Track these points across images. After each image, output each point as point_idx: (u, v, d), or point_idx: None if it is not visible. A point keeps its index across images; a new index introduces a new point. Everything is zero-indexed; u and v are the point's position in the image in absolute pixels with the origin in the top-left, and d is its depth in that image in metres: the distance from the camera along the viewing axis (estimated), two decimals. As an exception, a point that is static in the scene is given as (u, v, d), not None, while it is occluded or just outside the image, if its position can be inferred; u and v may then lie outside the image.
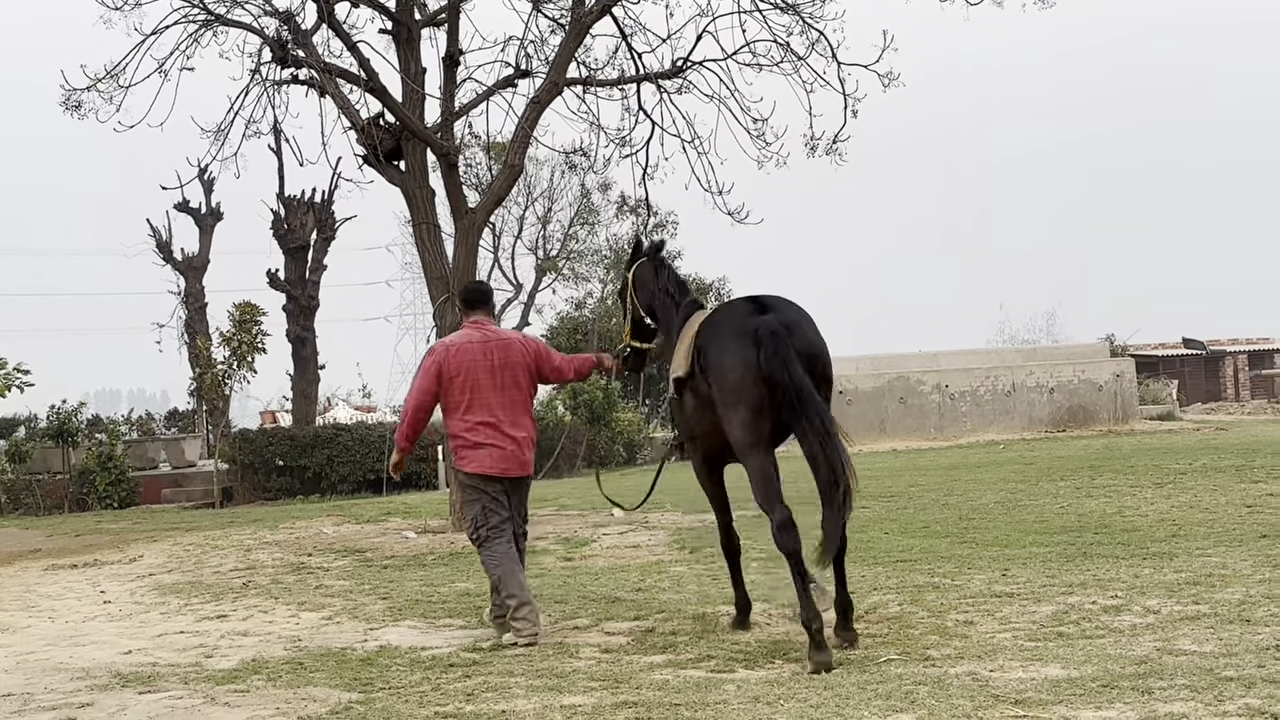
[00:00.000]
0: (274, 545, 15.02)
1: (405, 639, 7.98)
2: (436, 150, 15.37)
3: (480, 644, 7.54)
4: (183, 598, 10.74)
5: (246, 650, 7.90)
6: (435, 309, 15.64)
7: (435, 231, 15.70)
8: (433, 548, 13.44)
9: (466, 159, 33.66)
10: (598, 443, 32.72)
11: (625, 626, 7.88)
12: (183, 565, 13.52)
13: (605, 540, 13.06)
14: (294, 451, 26.68)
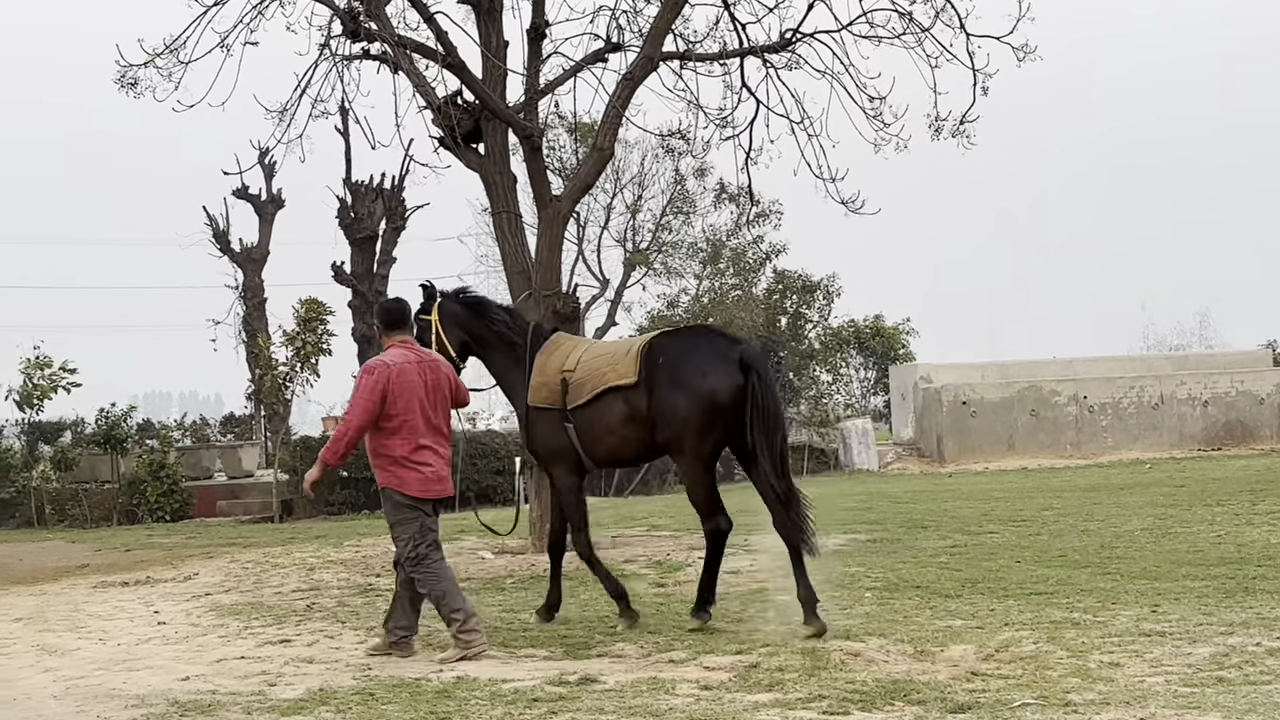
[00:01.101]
0: (339, 564, 15.24)
1: (484, 670, 8.05)
2: (519, 132, 15.48)
3: (566, 676, 7.58)
4: (242, 620, 10.94)
5: (312, 679, 8.03)
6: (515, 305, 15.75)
7: (516, 221, 15.81)
8: (511, 570, 13.56)
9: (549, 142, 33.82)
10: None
11: (726, 660, 7.88)
12: (241, 584, 13.77)
13: (701, 565, 13.02)
14: (359, 462, 26.92)
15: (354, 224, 31.10)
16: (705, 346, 9.35)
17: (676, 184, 42.75)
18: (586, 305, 38.60)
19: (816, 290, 43.40)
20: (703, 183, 42.47)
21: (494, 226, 16.33)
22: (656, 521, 18.56)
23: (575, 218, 35.31)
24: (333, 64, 15.49)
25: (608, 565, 13.20)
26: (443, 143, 15.56)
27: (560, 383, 9.67)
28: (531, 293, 15.33)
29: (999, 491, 21.72)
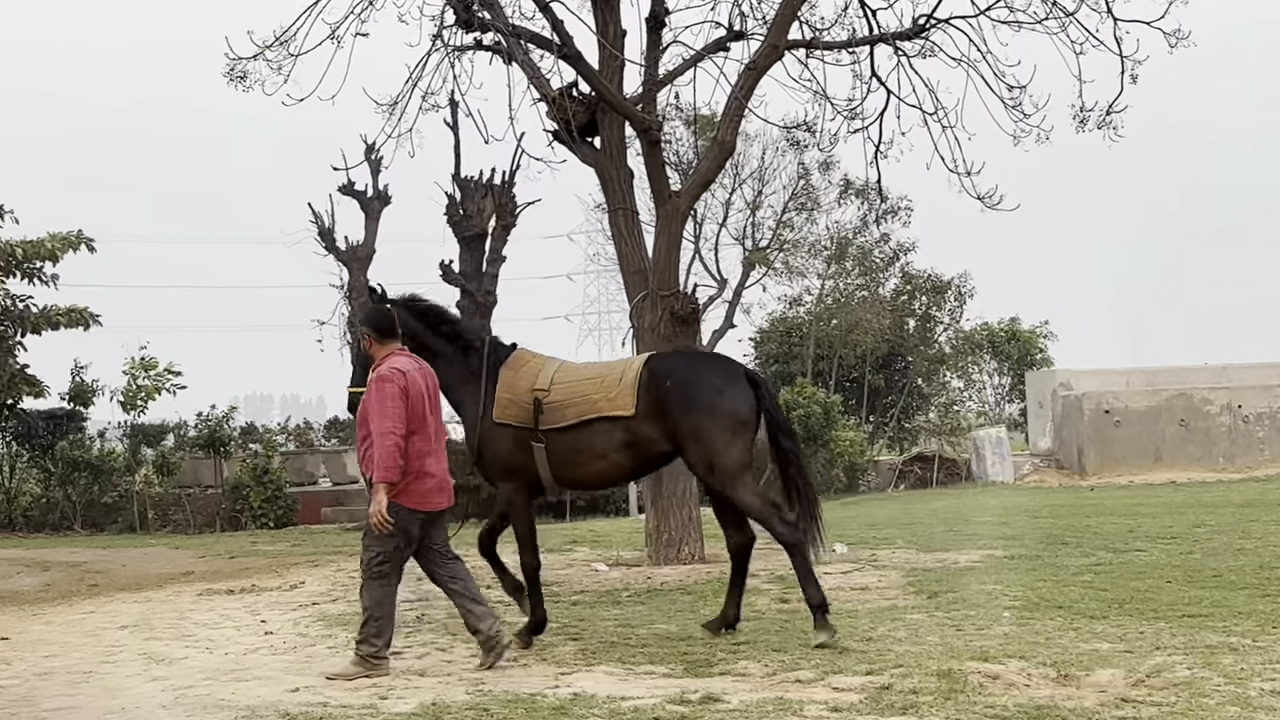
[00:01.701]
0: (447, 574, 15.41)
1: (601, 686, 8.12)
2: (637, 125, 15.56)
3: (688, 695, 7.61)
4: (351, 630, 11.10)
5: (424, 692, 8.16)
6: (632, 308, 15.84)
7: (634, 218, 15.90)
8: (627, 583, 13.63)
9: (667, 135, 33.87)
10: (813, 465, 32.59)
11: (856, 681, 7.86)
12: (348, 594, 13.98)
13: (828, 580, 12.98)
14: (467, 467, 27.27)
15: (463, 221, 31.28)
16: (706, 365, 10.31)
17: (800, 179, 42.53)
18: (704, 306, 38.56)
19: (947, 291, 42.96)
20: (828, 177, 42.18)
21: (610, 224, 16.43)
22: (778, 534, 18.48)
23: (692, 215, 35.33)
24: (444, 55, 15.69)
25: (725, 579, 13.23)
26: (557, 136, 15.69)
27: (533, 402, 9.96)
28: (648, 293, 15.41)
29: (1146, 506, 21.35)
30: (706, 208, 42.42)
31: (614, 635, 10.20)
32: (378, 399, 8.98)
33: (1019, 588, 11.86)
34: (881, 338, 40.54)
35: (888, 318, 40.85)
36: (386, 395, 8.96)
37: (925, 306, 43.37)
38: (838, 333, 40.87)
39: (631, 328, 15.98)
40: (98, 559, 20.02)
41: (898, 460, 37.42)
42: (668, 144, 35.10)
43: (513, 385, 10.09)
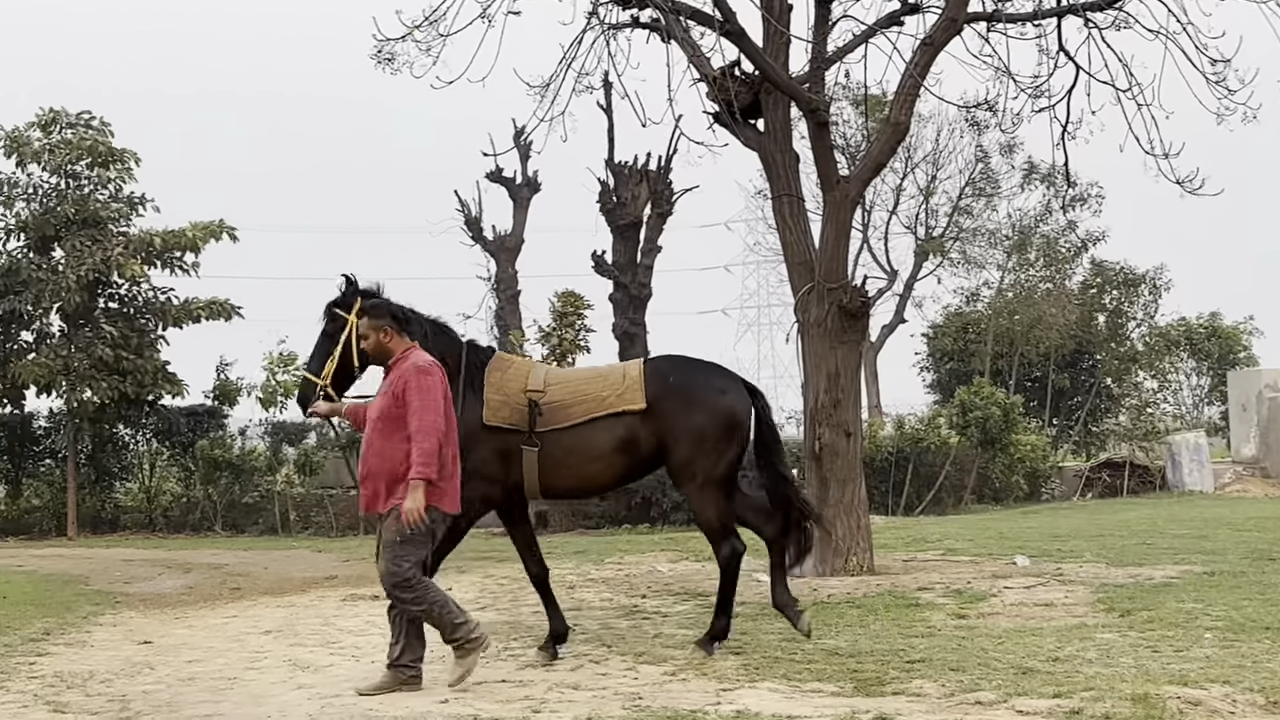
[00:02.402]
0: (600, 583, 15.56)
1: (766, 704, 8.13)
2: (803, 105, 15.52)
3: (859, 715, 7.58)
4: (501, 640, 11.30)
5: (579, 706, 8.24)
6: (797, 301, 15.82)
7: (799, 205, 15.87)
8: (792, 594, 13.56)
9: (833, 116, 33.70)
10: (991, 471, 32.20)
11: (1043, 705, 7.76)
12: (497, 602, 14.20)
13: (1008, 595, 12.87)
14: (618, 472, 27.44)
15: (616, 209, 31.58)
16: (707, 368, 10.61)
17: (979, 162, 42.03)
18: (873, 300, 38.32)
19: (1141, 284, 42.11)
20: (1010, 160, 41.70)
21: (773, 212, 16.42)
22: (953, 545, 18.34)
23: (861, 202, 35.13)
24: (600, 33, 15.81)
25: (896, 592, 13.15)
26: (718, 119, 15.72)
27: (528, 404, 10.05)
28: (815, 286, 15.37)
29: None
30: (876, 194, 42.24)
31: (778, 650, 10.19)
32: (422, 392, 9.00)
33: (1221, 606, 11.59)
34: (1067, 334, 39.92)
35: (1074, 312, 40.21)
36: (431, 388, 9.02)
37: (1116, 301, 42.58)
38: (1019, 328, 40.32)
39: (796, 322, 15.96)
40: (239, 561, 20.56)
41: (1084, 467, 36.79)
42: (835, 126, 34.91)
43: (503, 386, 10.13)
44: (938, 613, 11.96)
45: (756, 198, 45.09)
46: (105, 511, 31.89)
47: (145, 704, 8.93)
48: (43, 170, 30.23)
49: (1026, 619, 11.43)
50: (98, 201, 29.92)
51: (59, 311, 29.96)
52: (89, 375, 29.13)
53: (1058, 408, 42.05)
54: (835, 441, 15.27)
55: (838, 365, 15.34)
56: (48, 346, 29.90)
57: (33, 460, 33.41)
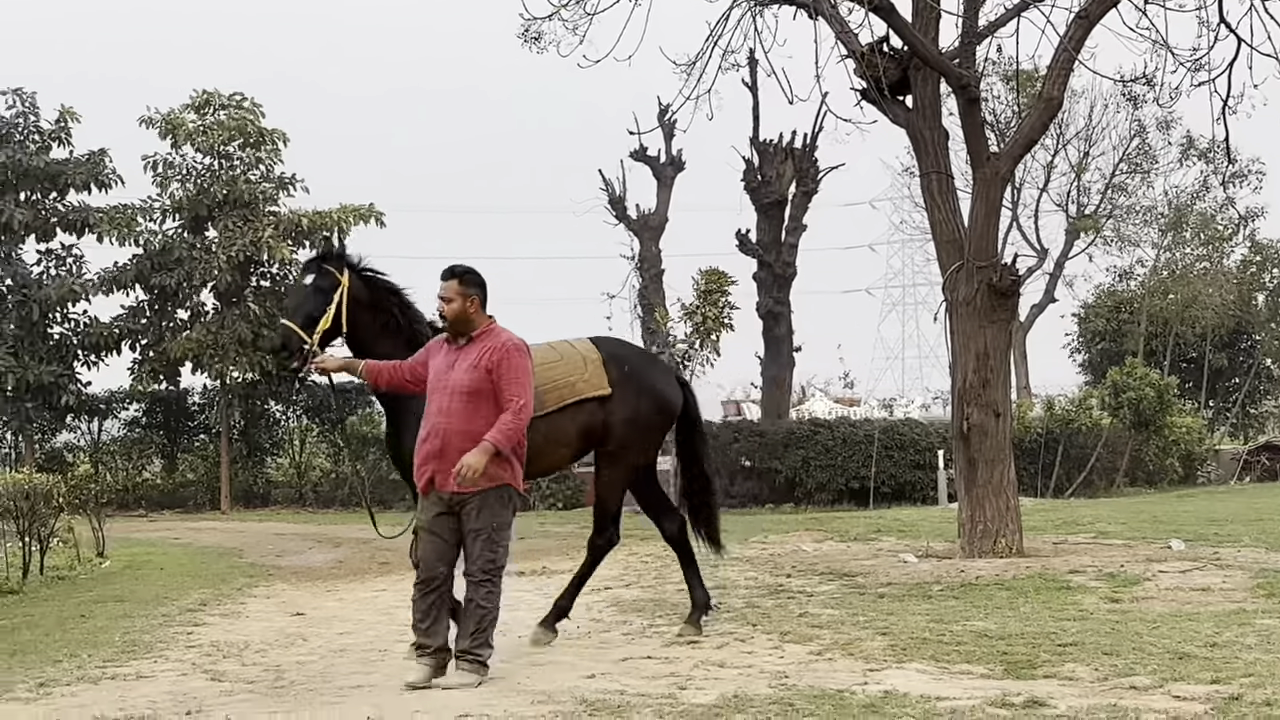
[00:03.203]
0: (744, 562, 15.58)
1: (914, 685, 8.09)
2: (953, 81, 15.36)
3: (1010, 698, 7.52)
4: (645, 617, 11.38)
5: (725, 684, 8.27)
6: (945, 280, 15.67)
7: (948, 183, 15.72)
8: (938, 576, 13.51)
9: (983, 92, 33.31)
10: (1144, 454, 31.65)
11: (1200, 691, 7.63)
12: (642, 579, 14.30)
13: (1163, 579, 12.65)
14: (763, 451, 27.50)
15: (761, 187, 31.54)
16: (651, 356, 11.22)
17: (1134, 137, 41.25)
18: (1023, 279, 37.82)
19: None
20: (1167, 136, 40.84)
21: (921, 189, 16.28)
22: (1105, 528, 18.06)
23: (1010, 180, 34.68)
24: (746, 10, 15.79)
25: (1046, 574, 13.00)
26: (866, 96, 15.61)
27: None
28: (963, 264, 15.22)
29: None
30: (1026, 171, 41.63)
31: (926, 631, 10.13)
32: (518, 369, 8.75)
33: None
34: (1225, 314, 39.08)
35: (1233, 292, 39.38)
36: (529, 370, 8.85)
37: (1277, 280, 41.53)
38: (1174, 308, 39.56)
39: (944, 301, 15.81)
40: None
41: (1242, 450, 36.02)
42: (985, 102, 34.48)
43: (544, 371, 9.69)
44: (1090, 596, 11.80)
45: (903, 175, 44.69)
46: (257, 486, 32.69)
47: (299, 674, 9.15)
48: (196, 151, 30.98)
49: (1182, 604, 11.24)
50: (248, 182, 30.59)
51: (211, 290, 30.73)
52: (233, 351, 29.85)
53: (1214, 389, 41.21)
54: (984, 422, 15.11)
55: (987, 345, 15.18)
56: (201, 324, 30.69)
57: (187, 435, 34.38)
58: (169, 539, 22.67)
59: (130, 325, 31.45)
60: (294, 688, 8.69)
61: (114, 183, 31.63)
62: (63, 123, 31.45)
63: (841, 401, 39.53)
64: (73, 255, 31.76)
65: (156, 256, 30.66)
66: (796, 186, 31.66)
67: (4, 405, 30.65)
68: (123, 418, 34.34)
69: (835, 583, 13.42)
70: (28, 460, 29.26)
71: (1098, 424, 30.84)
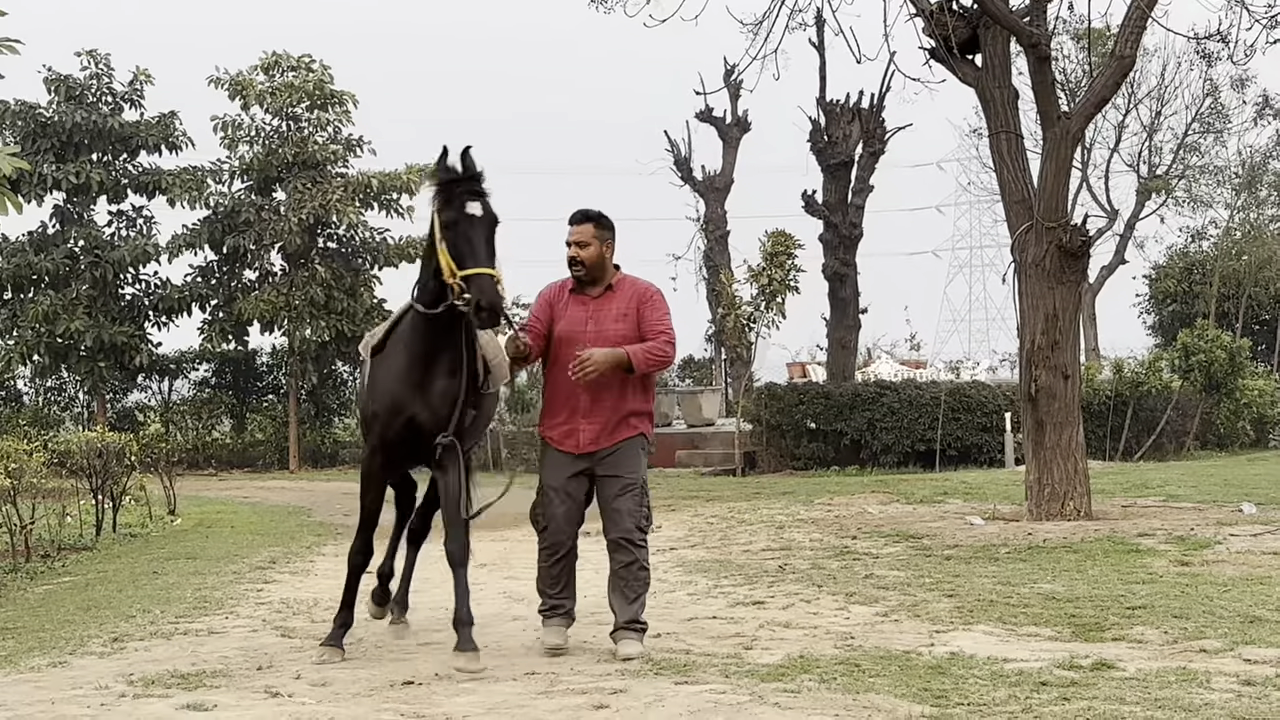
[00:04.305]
0: (810, 524, 15.59)
1: (980, 646, 8.07)
2: (1023, 40, 15.21)
3: (1078, 660, 7.48)
4: (711, 578, 11.40)
5: (791, 644, 8.28)
6: (1014, 240, 15.55)
7: (1018, 143, 15.58)
8: (1005, 538, 13.45)
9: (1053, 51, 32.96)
10: (1215, 417, 31.33)
11: (1272, 654, 7.56)
12: (707, 540, 14.32)
13: (1234, 543, 12.53)
14: (828, 413, 27.39)
15: (827, 148, 31.32)
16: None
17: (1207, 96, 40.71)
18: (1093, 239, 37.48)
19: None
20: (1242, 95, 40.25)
21: (990, 149, 16.15)
22: (1175, 491, 17.92)
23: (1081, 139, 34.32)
24: (813, -31, 15.68)
25: (1115, 537, 12.92)
26: (934, 55, 15.52)
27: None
28: (1033, 224, 15.10)
29: None
30: (1097, 131, 41.24)
31: (993, 594, 10.09)
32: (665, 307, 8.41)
33: None
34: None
35: (1308, 253, 38.81)
36: (669, 309, 8.48)
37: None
38: (1247, 269, 39.12)
39: (1013, 262, 15.70)
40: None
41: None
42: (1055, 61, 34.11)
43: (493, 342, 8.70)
44: (1159, 559, 11.70)
45: (970, 136, 44.36)
46: (325, 446, 32.97)
47: (366, 631, 9.23)
48: (265, 113, 31.18)
49: (1254, 567, 11.12)
50: (316, 144, 30.77)
51: (280, 251, 30.99)
52: (306, 313, 30.11)
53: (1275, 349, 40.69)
54: (1052, 384, 15.00)
55: (1056, 306, 15.06)
56: (270, 285, 30.96)
57: (256, 396, 34.72)
58: (238, 498, 22.93)
59: (200, 287, 31.77)
60: (362, 645, 8.77)
61: (184, 144, 31.94)
62: (136, 84, 31.76)
63: (907, 364, 39.35)
64: (143, 216, 32.10)
65: (226, 218, 30.94)
66: (863, 147, 31.43)
67: (78, 365, 31.08)
68: (192, 378, 34.77)
69: (901, 545, 13.39)
70: (100, 419, 29.66)
71: (1168, 386, 30.54)
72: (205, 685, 7.44)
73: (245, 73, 31.03)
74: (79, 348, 30.71)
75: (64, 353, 31.03)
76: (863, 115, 31.12)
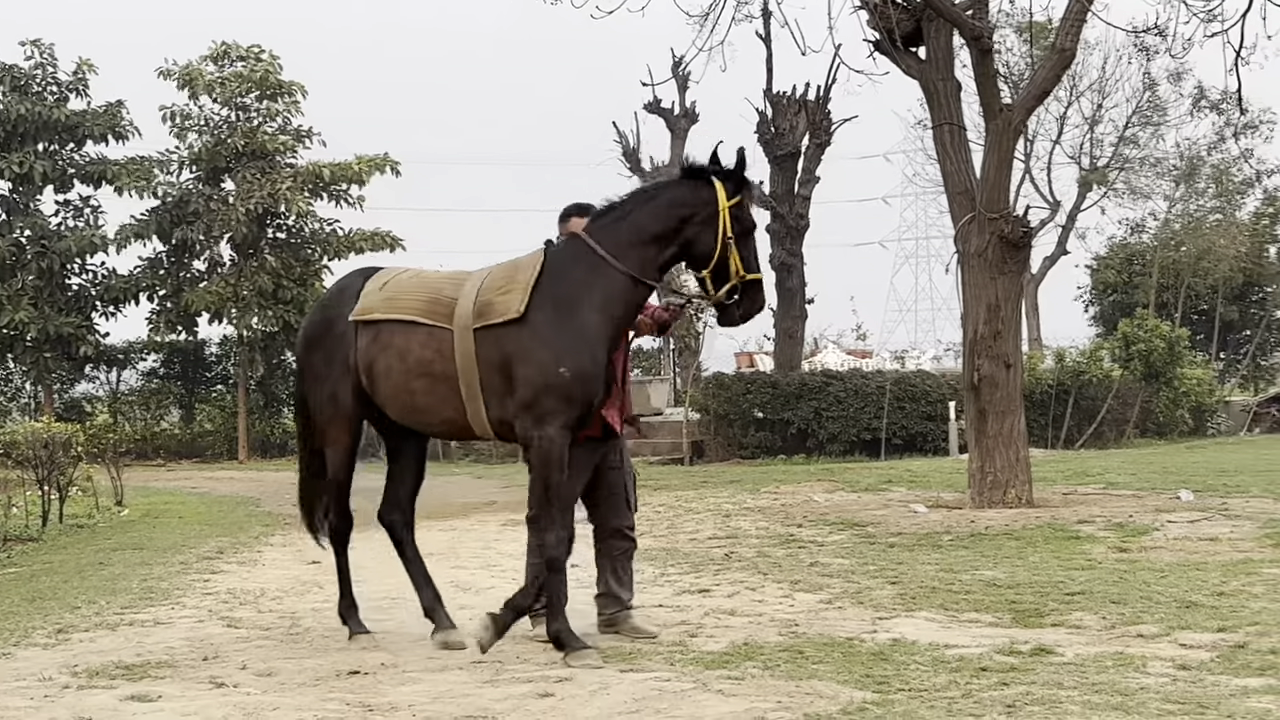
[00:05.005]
0: (756, 512, 15.62)
1: (923, 633, 8.11)
2: (966, 32, 15.26)
3: (1018, 646, 7.53)
4: (658, 566, 11.40)
5: (736, 632, 8.29)
6: (957, 231, 15.63)
7: (960, 135, 15.65)
8: (948, 526, 13.53)
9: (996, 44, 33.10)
10: (1155, 405, 31.60)
11: (1207, 639, 7.63)
12: (654, 529, 14.32)
13: (1172, 529, 12.65)
14: (775, 402, 27.45)
15: (774, 139, 31.38)
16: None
17: (1146, 90, 41.04)
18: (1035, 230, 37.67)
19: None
20: (1179, 88, 40.64)
21: (934, 141, 16.23)
22: (1115, 479, 18.07)
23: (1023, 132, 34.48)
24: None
25: (1055, 524, 13.02)
26: (879, 47, 15.55)
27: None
28: (975, 216, 15.17)
29: None
30: (1039, 123, 41.49)
31: (935, 580, 10.14)
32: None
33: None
34: (1237, 266, 38.95)
35: (1245, 244, 39.20)
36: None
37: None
38: (1186, 260, 39.45)
39: (956, 253, 15.78)
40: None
41: (1252, 401, 35.94)
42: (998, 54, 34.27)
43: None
44: (1098, 546, 11.80)
45: (916, 128, 44.52)
46: (274, 436, 32.78)
47: (314, 620, 9.20)
48: (214, 102, 30.95)
49: (1190, 553, 11.23)
50: (266, 134, 30.57)
51: (229, 241, 30.78)
52: (255, 304, 29.93)
53: (1225, 341, 41.11)
54: (994, 373, 15.09)
55: (998, 296, 15.14)
56: (219, 275, 30.75)
57: (205, 386, 34.49)
58: (186, 488, 22.79)
59: (148, 277, 31.53)
60: (309, 634, 8.74)
61: (131, 134, 31.69)
62: (80, 74, 31.45)
63: (854, 353, 39.50)
64: (90, 206, 31.81)
65: (174, 208, 30.70)
66: (810, 139, 31.50)
67: (24, 355, 30.81)
68: (141, 368, 34.51)
69: (846, 532, 13.44)
70: (47, 410, 29.38)
71: (1108, 376, 30.78)
72: (150, 676, 7.38)
73: (194, 63, 30.78)
74: (24, 338, 30.44)
75: (9, 343, 30.79)
76: (809, 107, 31.20)
